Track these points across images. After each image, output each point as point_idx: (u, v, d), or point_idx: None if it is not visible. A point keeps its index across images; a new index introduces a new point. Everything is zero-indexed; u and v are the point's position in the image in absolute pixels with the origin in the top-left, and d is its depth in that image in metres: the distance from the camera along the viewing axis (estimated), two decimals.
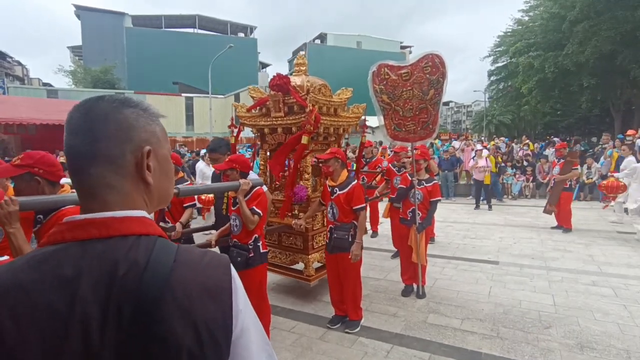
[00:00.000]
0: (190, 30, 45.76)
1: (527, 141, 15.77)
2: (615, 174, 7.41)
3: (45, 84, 39.98)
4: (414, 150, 4.28)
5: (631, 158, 7.61)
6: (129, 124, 0.68)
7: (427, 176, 4.41)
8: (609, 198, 7.96)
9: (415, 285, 4.41)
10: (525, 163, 11.71)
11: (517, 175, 11.42)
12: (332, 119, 4.18)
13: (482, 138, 24.76)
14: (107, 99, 0.69)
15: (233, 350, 0.64)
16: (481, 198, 9.80)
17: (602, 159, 10.25)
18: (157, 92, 32.50)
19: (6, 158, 7.07)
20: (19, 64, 43.86)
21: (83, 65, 38.80)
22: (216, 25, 46.69)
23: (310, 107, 3.71)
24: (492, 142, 15.90)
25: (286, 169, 4.44)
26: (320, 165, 3.58)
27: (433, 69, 3.70)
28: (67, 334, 0.55)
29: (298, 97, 3.90)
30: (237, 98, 29.08)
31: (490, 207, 9.70)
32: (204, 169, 7.48)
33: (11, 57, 41.42)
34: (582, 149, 13.88)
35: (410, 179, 4.29)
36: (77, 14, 42.92)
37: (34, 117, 11.46)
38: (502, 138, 18.17)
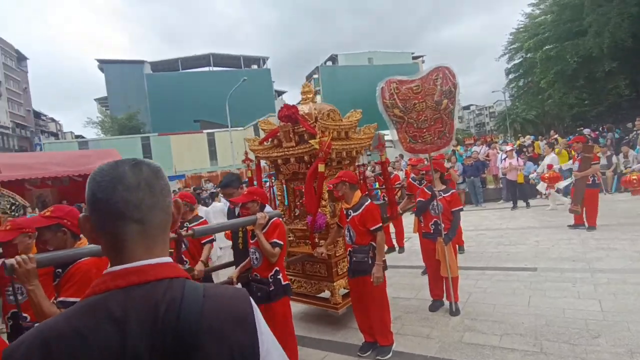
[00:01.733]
0: (206, 68, 47.77)
1: (556, 136, 15.16)
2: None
3: (77, 136, 42.41)
4: (431, 162, 4.24)
5: None
6: (167, 181, 0.83)
7: (443, 187, 4.30)
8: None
9: (445, 300, 4.23)
10: None
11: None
12: (344, 143, 4.16)
13: (508, 138, 24.05)
14: (147, 163, 0.82)
15: None
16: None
17: (637, 146, 9.70)
18: (179, 132, 33.79)
19: (33, 213, 7.41)
20: (53, 120, 46.86)
21: (109, 114, 41.04)
22: (230, 61, 48.50)
23: (320, 134, 3.71)
24: (518, 141, 15.42)
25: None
26: (333, 189, 3.54)
27: (444, 80, 3.79)
28: None
29: (307, 126, 3.91)
30: (256, 128, 29.76)
31: (528, 205, 9.51)
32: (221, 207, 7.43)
33: (45, 115, 44.37)
34: (617, 136, 13.21)
35: (428, 191, 4.20)
36: (100, 67, 45.80)
37: (67, 170, 12.05)
38: (527, 136, 17.56)
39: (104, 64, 45.50)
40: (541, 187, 9.29)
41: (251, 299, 0.81)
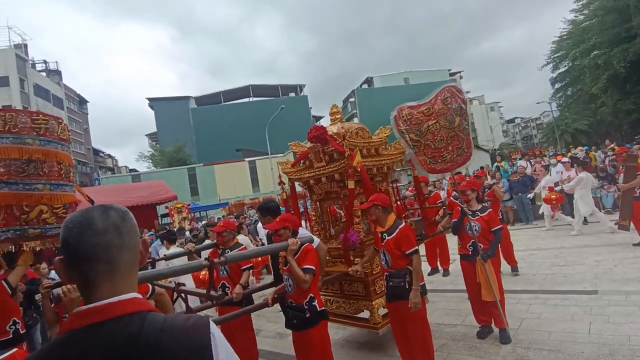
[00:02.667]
0: (246, 99, 49.82)
1: (612, 145, 14.07)
2: None
3: (131, 170, 45.40)
4: (455, 179, 4.26)
5: None
6: (134, 223, 0.92)
7: (480, 206, 4.09)
8: None
9: (495, 328, 3.92)
10: (612, 170, 10.36)
11: (606, 186, 10.09)
12: (374, 160, 4.12)
13: (558, 150, 22.68)
14: (115, 208, 0.90)
15: None
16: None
17: None
18: (222, 162, 35.17)
19: None
20: (109, 156, 50.64)
21: (159, 148, 43.67)
22: (268, 90, 50.37)
23: (348, 152, 3.70)
24: (569, 153, 14.47)
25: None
26: (366, 214, 3.47)
27: (452, 99, 3.92)
28: None
29: (335, 144, 3.92)
30: (295, 154, 30.36)
31: (585, 221, 8.66)
32: (262, 229, 7.62)
33: (103, 152, 48.08)
34: None
35: (461, 209, 4.01)
36: (150, 105, 49.21)
37: (120, 201, 12.93)
38: (580, 147, 16.44)
39: (153, 102, 48.89)
40: (546, 209, 8.92)
41: (213, 326, 0.86)
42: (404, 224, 3.34)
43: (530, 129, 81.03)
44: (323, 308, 3.05)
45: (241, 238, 6.82)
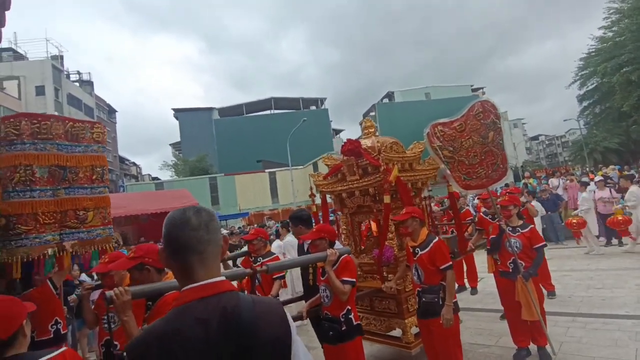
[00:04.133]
0: (268, 111, 50.52)
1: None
2: None
3: (154, 178, 46.45)
4: (495, 196, 4.05)
5: None
6: (218, 223, 1.15)
7: (520, 222, 3.97)
8: None
9: (533, 347, 3.78)
10: None
11: None
12: (409, 174, 4.09)
13: (587, 169, 22.01)
14: (204, 209, 1.13)
15: (293, 354, 1.07)
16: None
17: None
18: (243, 172, 35.61)
19: (124, 248, 8.08)
20: (134, 164, 52.01)
21: (182, 157, 44.61)
22: (290, 103, 50.96)
23: (384, 166, 3.68)
24: (600, 172, 14.03)
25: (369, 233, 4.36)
26: (400, 226, 3.42)
27: (485, 114, 3.88)
28: (209, 352, 0.95)
29: (370, 158, 3.92)
30: (315, 166, 30.46)
31: (620, 242, 8.33)
32: (293, 241, 7.53)
33: (128, 160, 49.42)
34: None
35: (500, 226, 3.91)
36: (175, 115, 50.50)
37: (145, 208, 13.18)
38: (611, 166, 15.92)
39: (178, 113, 50.19)
40: (588, 230, 8.21)
41: (284, 308, 1.15)
42: (437, 238, 3.28)
43: (555, 147, 79.10)
44: (359, 322, 3.01)
45: (276, 245, 6.82)
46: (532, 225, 4.00)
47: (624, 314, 4.57)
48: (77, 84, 36.30)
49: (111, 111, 43.59)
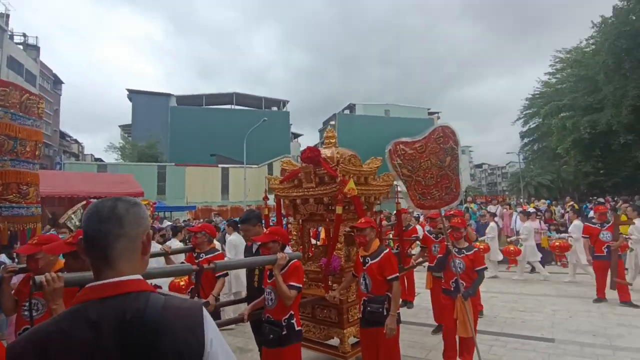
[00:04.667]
0: (228, 106, 49.47)
1: (572, 202, 14.98)
2: None
3: (97, 159, 43.51)
4: (443, 218, 4.31)
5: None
6: (140, 215, 1.03)
7: (466, 244, 4.23)
8: None
9: None
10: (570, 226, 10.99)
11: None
12: (363, 188, 4.21)
13: (522, 200, 23.86)
14: (125, 200, 1.03)
15: None
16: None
17: None
18: (195, 164, 34.44)
19: (53, 230, 7.49)
20: (76, 142, 48.33)
21: (131, 141, 42.26)
22: (252, 101, 50.30)
23: (341, 177, 3.76)
24: (532, 204, 15.26)
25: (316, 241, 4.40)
26: (356, 234, 3.51)
27: (445, 139, 3.99)
28: (95, 359, 0.85)
29: (329, 168, 3.99)
30: (270, 167, 30.24)
31: (532, 270, 9.26)
32: (237, 241, 7.39)
33: (70, 136, 45.84)
34: None
35: (447, 246, 4.14)
36: (129, 96, 47.84)
37: (84, 190, 12.31)
38: (542, 200, 17.39)
39: (132, 94, 47.57)
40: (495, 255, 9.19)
41: (204, 310, 1.01)
42: (388, 249, 3.42)
43: (495, 177, 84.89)
44: (300, 328, 3.04)
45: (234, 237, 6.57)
46: (476, 249, 4.26)
47: (539, 336, 5.01)
48: (20, 46, 33.24)
49: (57, 82, 40.37)
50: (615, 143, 20.59)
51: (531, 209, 10.79)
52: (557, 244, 8.58)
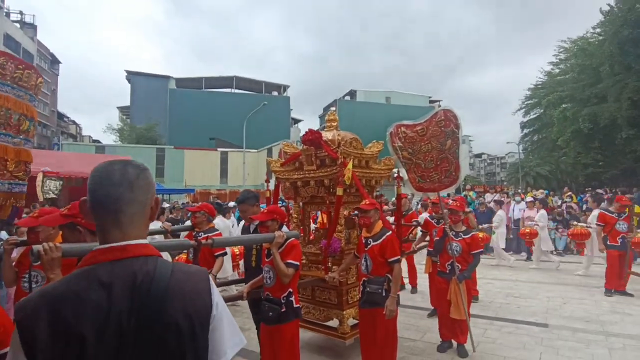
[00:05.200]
0: (228, 90, 48.95)
1: (570, 193, 15.03)
2: None
3: (95, 141, 43.24)
4: (449, 201, 4.33)
5: None
6: (149, 181, 1.03)
7: (464, 228, 4.26)
8: None
9: (454, 342, 4.13)
10: (567, 216, 11.07)
11: (560, 230, 10.77)
12: (364, 171, 4.21)
13: (520, 190, 23.92)
14: (134, 164, 1.01)
15: (212, 330, 0.97)
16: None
17: None
18: (194, 147, 34.28)
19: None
20: (74, 123, 48.00)
21: (129, 123, 41.95)
22: (252, 85, 49.76)
23: (342, 160, 3.75)
24: (530, 194, 15.31)
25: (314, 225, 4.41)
26: (360, 216, 3.53)
27: (447, 122, 4.03)
28: (108, 320, 0.85)
29: (329, 150, 3.97)
30: (269, 152, 30.13)
31: (528, 258, 9.64)
32: (220, 225, 7.25)
33: (67, 117, 45.49)
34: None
35: (444, 229, 4.18)
36: (127, 78, 47.28)
37: (82, 171, 12.27)
38: (541, 190, 17.44)
39: (131, 75, 46.99)
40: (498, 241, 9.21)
41: (210, 278, 1.04)
42: (390, 232, 3.43)
43: (494, 167, 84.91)
44: (299, 305, 3.07)
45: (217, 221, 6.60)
46: (474, 233, 4.30)
47: (533, 321, 5.09)
48: (17, 24, 32.67)
49: (54, 61, 39.86)
50: (617, 137, 20.52)
51: (529, 198, 10.79)
52: (527, 231, 8.68)
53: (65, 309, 0.83)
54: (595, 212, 8.22)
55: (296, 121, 54.31)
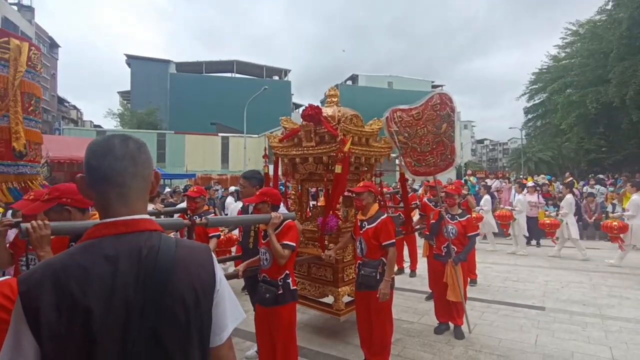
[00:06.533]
0: (229, 74, 48.47)
1: (571, 178, 14.94)
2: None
3: (96, 126, 43.12)
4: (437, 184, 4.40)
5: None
6: (149, 155, 1.02)
7: (460, 211, 4.24)
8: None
9: (451, 324, 4.15)
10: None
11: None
12: (364, 149, 4.13)
13: (522, 175, 23.81)
14: (133, 138, 1.00)
15: (215, 305, 0.99)
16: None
17: None
18: (195, 132, 34.16)
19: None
20: (75, 108, 47.76)
21: (130, 108, 41.73)
22: (253, 70, 49.24)
23: (341, 136, 3.69)
24: (530, 179, 15.24)
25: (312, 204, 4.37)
26: (354, 198, 3.49)
27: (442, 106, 4.02)
28: (113, 294, 0.84)
29: (329, 127, 3.89)
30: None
31: (538, 244, 9.58)
32: (232, 204, 7.48)
33: (68, 102, 45.22)
34: None
35: (440, 212, 4.16)
36: (127, 62, 46.87)
37: (83, 156, 12.26)
38: (542, 175, 17.35)
39: (131, 60, 46.54)
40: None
41: (213, 253, 1.06)
42: (386, 215, 3.39)
43: (497, 152, 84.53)
44: (295, 287, 3.06)
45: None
46: (470, 215, 4.28)
47: (530, 305, 5.10)
48: (15, 7, 32.21)
49: (53, 45, 39.38)
50: (624, 121, 20.18)
51: (530, 183, 10.73)
52: (547, 222, 8.38)
53: (70, 282, 0.82)
54: (569, 197, 8.24)
55: (297, 106, 53.90)
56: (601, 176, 16.13)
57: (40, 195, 2.51)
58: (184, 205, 4.52)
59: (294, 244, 2.89)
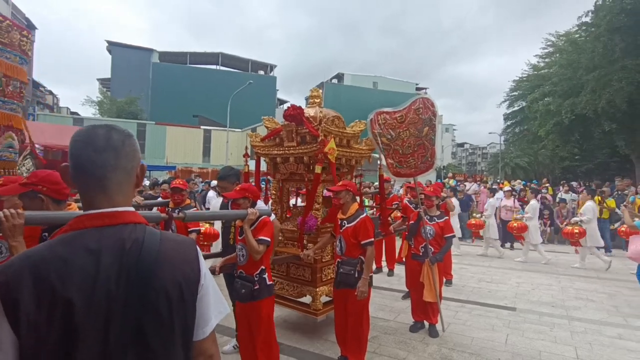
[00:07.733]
0: (213, 67, 47.76)
1: (547, 184, 15.42)
2: None
3: (73, 113, 41.75)
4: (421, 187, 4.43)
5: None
6: (135, 148, 1.00)
7: (438, 212, 4.34)
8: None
9: (426, 323, 4.25)
10: (541, 207, 11.38)
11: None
12: (345, 150, 4.17)
13: (499, 180, 24.43)
14: (118, 129, 0.98)
15: (199, 299, 0.98)
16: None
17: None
18: (177, 124, 33.55)
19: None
20: (51, 93, 46.09)
21: (110, 96, 40.61)
22: (238, 63, 48.69)
23: (322, 137, 3.71)
24: (507, 183, 15.65)
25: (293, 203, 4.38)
26: (333, 196, 3.51)
27: (424, 110, 4.14)
28: (96, 287, 0.82)
29: (310, 127, 3.91)
30: (253, 132, 29.78)
31: (512, 247, 10.00)
32: (213, 198, 7.45)
33: (44, 87, 43.59)
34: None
35: (419, 213, 4.25)
36: (108, 49, 45.54)
37: (58, 143, 11.88)
38: (518, 180, 17.85)
39: (112, 46, 45.27)
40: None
41: (197, 247, 1.04)
42: (365, 214, 3.43)
43: (476, 157, 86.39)
44: (272, 282, 3.06)
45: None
46: (447, 217, 4.40)
47: (502, 305, 5.26)
48: None
49: (30, 26, 37.80)
50: (596, 131, 20.92)
51: (507, 188, 11.03)
52: (514, 225, 8.33)
53: (50, 273, 0.79)
54: (533, 203, 8.69)
55: (282, 102, 53.65)
56: (573, 183, 16.70)
57: (9, 181, 2.43)
58: (164, 200, 4.46)
59: (269, 239, 2.90)
